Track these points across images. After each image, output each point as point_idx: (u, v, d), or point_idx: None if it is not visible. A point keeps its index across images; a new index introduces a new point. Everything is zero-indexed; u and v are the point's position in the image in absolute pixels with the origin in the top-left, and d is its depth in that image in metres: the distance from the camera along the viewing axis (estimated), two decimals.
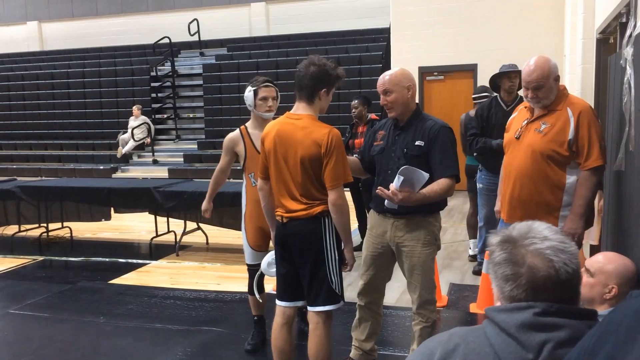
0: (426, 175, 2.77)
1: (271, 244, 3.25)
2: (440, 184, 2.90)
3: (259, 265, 3.46)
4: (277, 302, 3.04)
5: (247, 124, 3.71)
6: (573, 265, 1.20)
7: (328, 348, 2.91)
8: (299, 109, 2.86)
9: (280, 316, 3.01)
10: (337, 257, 2.87)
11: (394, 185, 2.80)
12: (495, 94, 4.89)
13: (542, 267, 1.18)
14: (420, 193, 2.83)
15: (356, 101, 5.85)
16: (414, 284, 3.08)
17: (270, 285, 4.34)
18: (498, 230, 1.32)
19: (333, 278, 2.86)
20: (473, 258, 5.54)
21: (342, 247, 2.92)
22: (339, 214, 2.78)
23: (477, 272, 5.05)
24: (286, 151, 2.81)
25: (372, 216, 3.24)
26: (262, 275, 3.52)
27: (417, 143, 2.97)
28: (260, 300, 3.71)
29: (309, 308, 2.93)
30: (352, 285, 4.84)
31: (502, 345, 1.16)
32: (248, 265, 3.73)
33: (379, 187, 2.90)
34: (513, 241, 1.23)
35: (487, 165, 4.81)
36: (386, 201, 2.91)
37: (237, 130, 3.71)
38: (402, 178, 2.75)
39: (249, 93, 3.58)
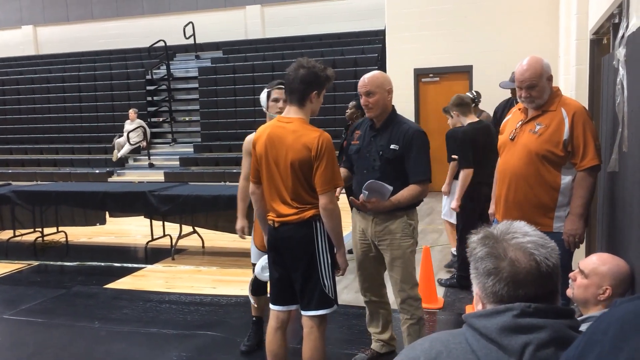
0: (390, 188, 2.95)
1: None
2: (411, 189, 3.06)
3: None
4: (271, 306, 3.03)
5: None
6: (553, 259, 1.21)
7: (322, 352, 2.90)
8: (290, 112, 2.85)
9: (274, 320, 3.00)
10: (329, 261, 2.86)
11: (362, 197, 2.98)
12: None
13: (523, 260, 1.19)
14: (389, 201, 3.01)
15: (353, 103, 5.94)
16: (394, 277, 3.18)
17: None
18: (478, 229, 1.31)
19: (326, 282, 2.85)
20: None
21: (335, 251, 2.91)
22: (330, 218, 2.77)
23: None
24: (277, 155, 2.80)
25: (354, 215, 3.33)
26: (256, 280, 3.51)
27: (392, 146, 3.09)
28: (256, 305, 3.69)
29: (302, 312, 2.92)
30: (348, 288, 4.83)
31: (484, 350, 1.15)
32: (253, 264, 3.72)
33: (350, 197, 3.13)
34: (494, 237, 1.24)
35: None
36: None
37: (254, 132, 3.69)
38: (366, 192, 2.96)
39: (263, 95, 3.56)
